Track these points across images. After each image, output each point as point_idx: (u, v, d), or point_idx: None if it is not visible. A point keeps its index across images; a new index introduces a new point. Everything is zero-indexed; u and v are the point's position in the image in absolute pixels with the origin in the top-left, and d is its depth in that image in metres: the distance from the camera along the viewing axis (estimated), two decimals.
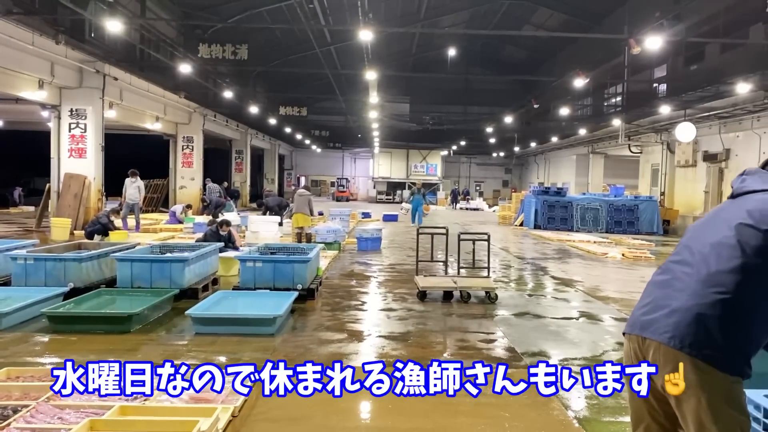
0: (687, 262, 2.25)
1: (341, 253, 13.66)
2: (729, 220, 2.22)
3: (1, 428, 3.60)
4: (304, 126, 39.69)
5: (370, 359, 5.72)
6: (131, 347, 5.82)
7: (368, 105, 29.94)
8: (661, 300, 2.24)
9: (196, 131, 28.01)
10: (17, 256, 7.96)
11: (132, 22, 16.80)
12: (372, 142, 46.44)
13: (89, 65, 17.15)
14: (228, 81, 24.57)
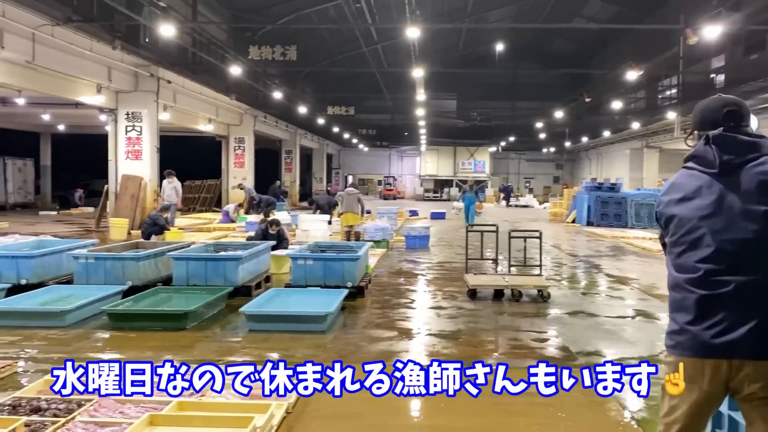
0: (736, 269, 2.13)
1: (389, 251, 13.68)
2: (748, 210, 2.15)
3: (67, 422, 3.74)
4: (351, 125, 39.93)
5: (421, 357, 5.71)
6: (187, 344, 5.96)
7: (415, 102, 29.89)
8: (735, 317, 2.11)
9: (247, 132, 28.52)
10: (79, 256, 8.25)
11: (184, 26, 17.20)
12: (419, 140, 46.35)
13: (144, 69, 17.65)
14: (277, 82, 24.90)
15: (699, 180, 2.27)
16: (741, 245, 2.14)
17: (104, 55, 15.58)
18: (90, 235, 15.13)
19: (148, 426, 3.54)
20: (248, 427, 3.37)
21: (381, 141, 47.98)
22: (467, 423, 4.12)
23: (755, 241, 2.12)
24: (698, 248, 2.21)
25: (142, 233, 13.68)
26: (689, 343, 2.18)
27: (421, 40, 19.15)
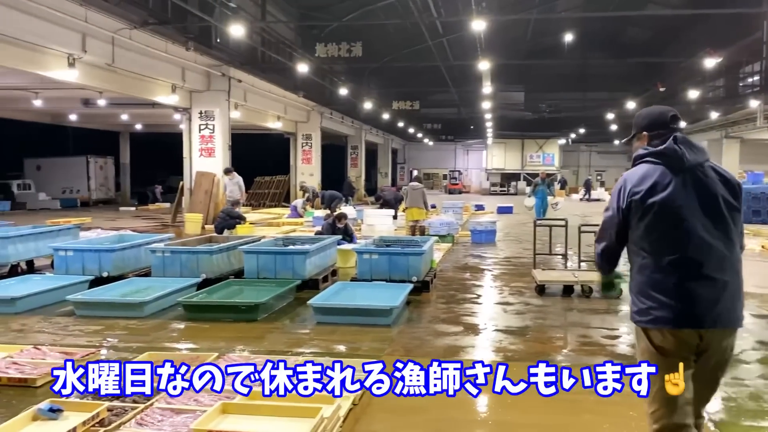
0: (711, 246, 2.55)
1: (455, 245, 13.62)
2: (714, 203, 2.59)
3: (145, 407, 3.93)
4: (416, 120, 39.89)
5: (488, 353, 5.67)
6: (258, 335, 6.13)
7: (481, 95, 29.54)
8: (716, 290, 2.55)
9: (314, 129, 28.97)
10: (156, 250, 8.63)
11: (253, 26, 17.62)
12: (485, 133, 45.79)
13: (216, 69, 18.21)
14: (343, 78, 25.17)
15: (668, 174, 2.60)
16: (711, 227, 2.56)
17: (178, 56, 16.17)
18: (166, 230, 15.77)
19: (221, 414, 3.68)
20: (316, 418, 3.44)
21: (446, 135, 47.67)
22: (534, 420, 4.07)
23: (721, 223, 2.58)
24: (676, 235, 2.57)
25: (215, 228, 14.14)
26: (676, 316, 2.56)
27: (487, 32, 18.89)
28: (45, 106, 22.25)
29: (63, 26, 12.24)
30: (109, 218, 21.24)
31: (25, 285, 7.78)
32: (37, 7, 11.20)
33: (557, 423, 4.04)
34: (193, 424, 3.40)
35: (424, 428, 3.93)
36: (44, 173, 30.52)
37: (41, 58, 12.69)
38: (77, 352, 5.21)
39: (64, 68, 12.98)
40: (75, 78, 13.54)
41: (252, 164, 28.77)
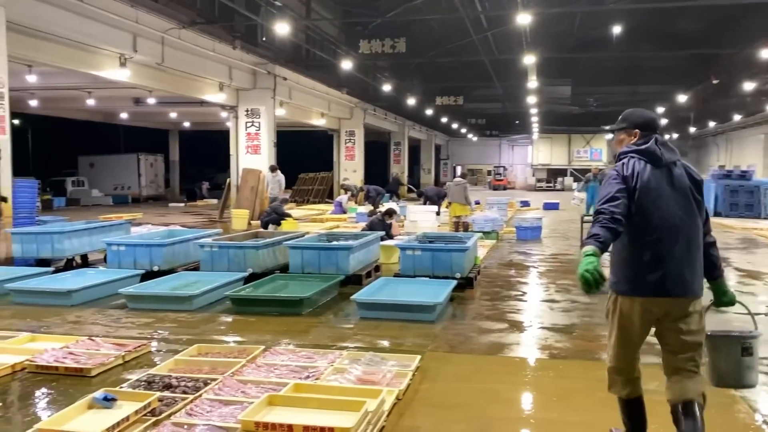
0: (677, 228, 3.07)
1: (499, 242, 13.50)
2: (683, 195, 3.13)
3: (195, 398, 4.03)
4: (460, 115, 39.61)
5: (533, 351, 5.61)
6: (303, 329, 6.21)
7: (526, 90, 29.17)
8: (680, 264, 3.06)
9: (358, 125, 29.11)
10: (204, 245, 8.82)
11: (298, 24, 17.79)
12: (530, 128, 45.19)
13: (262, 67, 18.47)
14: (386, 75, 25.17)
15: (649, 169, 3.13)
16: (678, 213, 3.09)
17: (225, 55, 16.46)
18: (214, 225, 16.09)
19: (267, 406, 3.74)
20: (360, 411, 3.47)
21: (491, 130, 47.22)
22: (579, 418, 4.01)
23: (686, 209, 3.12)
24: (653, 220, 3.06)
25: (261, 223, 14.37)
26: (646, 284, 3.07)
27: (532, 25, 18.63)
28: (98, 105, 22.99)
29: (115, 27, 12.61)
30: (158, 214, 21.80)
31: (79, 278, 8.06)
32: (91, 10, 11.56)
33: (603, 421, 3.96)
34: (240, 415, 3.48)
35: (467, 424, 3.91)
36: (97, 170, 31.52)
37: (94, 59, 13.10)
38: (129, 343, 5.37)
39: (115, 68, 13.37)
40: (126, 77, 13.93)
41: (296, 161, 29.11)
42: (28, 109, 22.93)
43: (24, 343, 5.47)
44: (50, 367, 4.76)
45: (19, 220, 10.02)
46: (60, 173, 30.60)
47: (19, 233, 9.44)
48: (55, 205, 25.28)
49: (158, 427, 3.62)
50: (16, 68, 12.88)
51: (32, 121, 30.46)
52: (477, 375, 4.88)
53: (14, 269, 8.72)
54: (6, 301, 7.33)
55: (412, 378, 4.55)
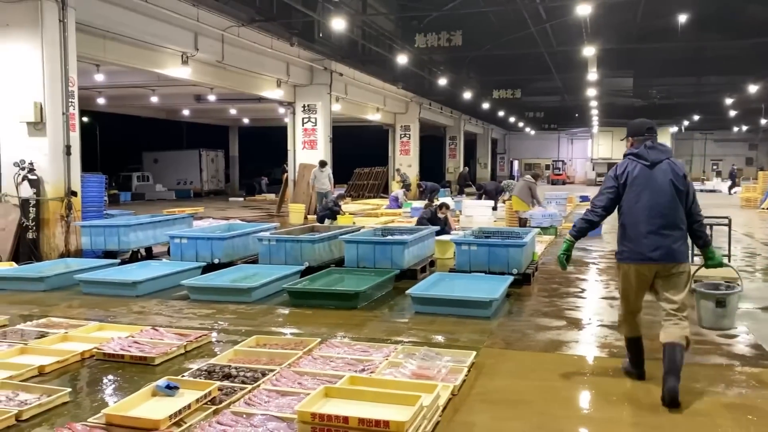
0: (661, 213, 4.13)
1: (558, 238, 13.24)
2: (665, 186, 4.14)
3: (253, 388, 4.11)
4: (517, 108, 39.03)
5: (592, 349, 5.48)
6: (358, 323, 6.25)
7: (586, 82, 28.47)
8: (664, 240, 4.12)
9: (413, 120, 29.07)
10: (263, 238, 8.99)
11: (354, 19, 17.88)
12: (590, 121, 44.08)
13: (318, 63, 18.66)
14: (442, 69, 25.03)
15: (639, 168, 4.22)
16: (662, 201, 4.13)
17: (283, 52, 16.71)
18: (272, 219, 16.38)
19: (324, 397, 3.78)
20: (415, 405, 3.47)
21: (549, 124, 46.24)
22: (641, 419, 3.89)
23: (669, 198, 4.13)
24: (639, 206, 4.17)
25: (317, 217, 14.54)
26: (640, 254, 4.19)
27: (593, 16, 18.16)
28: (161, 103, 23.73)
29: (177, 26, 12.98)
30: (219, 208, 22.35)
31: (144, 270, 8.35)
32: (155, 9, 11.92)
33: (666, 423, 3.84)
34: (297, 406, 3.53)
35: (524, 421, 3.85)
36: (161, 166, 32.57)
37: (158, 57, 13.52)
38: (191, 333, 5.53)
39: (178, 66, 13.76)
40: (188, 75, 14.33)
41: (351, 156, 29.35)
42: (96, 107, 23.88)
43: (92, 331, 5.71)
44: (116, 355, 4.96)
45: (88, 213, 10.46)
46: (126, 169, 31.76)
47: (88, 226, 9.85)
48: (121, 200, 26.27)
49: (218, 415, 3.72)
50: (85, 68, 13.42)
51: (100, 119, 31.68)
52: (534, 372, 4.80)
53: (83, 261, 9.12)
54: (76, 291, 7.66)
55: (467, 374, 4.51)
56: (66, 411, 3.96)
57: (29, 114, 9.44)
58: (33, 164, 9.54)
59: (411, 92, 26.68)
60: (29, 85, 9.50)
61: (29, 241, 9.48)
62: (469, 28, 21.34)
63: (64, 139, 9.74)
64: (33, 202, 9.50)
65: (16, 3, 9.47)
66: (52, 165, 9.64)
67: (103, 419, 3.62)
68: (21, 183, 9.55)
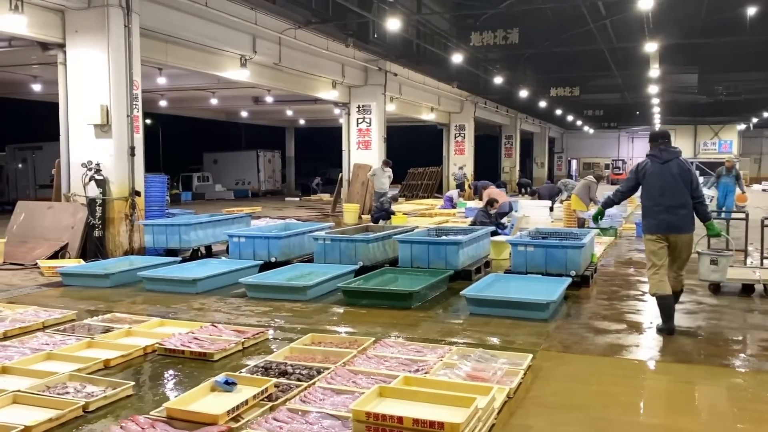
0: (668, 198, 5.60)
1: (618, 239, 12.89)
2: (673, 177, 5.63)
3: (309, 386, 4.16)
4: (575, 106, 38.18)
5: (654, 353, 5.31)
6: (412, 323, 6.24)
7: (648, 79, 27.63)
8: (671, 216, 5.60)
9: (468, 119, 28.84)
10: (318, 237, 9.09)
11: (409, 19, 17.87)
12: (652, 119, 42.68)
13: (373, 64, 18.74)
14: (498, 67, 24.72)
15: (653, 164, 5.71)
16: (670, 189, 5.59)
17: (338, 53, 16.86)
18: (327, 219, 16.55)
19: (378, 397, 3.78)
20: (470, 407, 3.43)
21: (609, 122, 45.02)
22: (705, 426, 3.74)
23: (675, 187, 5.60)
24: (654, 190, 5.66)
25: (371, 217, 14.60)
26: (660, 228, 5.64)
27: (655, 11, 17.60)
28: (220, 105, 24.31)
29: (236, 29, 13.27)
30: (276, 208, 22.74)
31: (204, 268, 8.56)
32: (215, 13, 12.22)
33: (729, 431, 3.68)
34: (351, 405, 3.54)
35: (582, 426, 3.76)
36: (220, 166, 33.38)
37: (218, 60, 13.85)
38: (248, 330, 5.64)
39: (237, 68, 14.07)
40: (246, 77, 14.62)
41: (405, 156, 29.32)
42: (158, 109, 24.67)
43: (154, 327, 5.89)
44: (177, 351, 5.10)
45: (151, 212, 10.82)
46: (187, 169, 32.69)
47: (151, 225, 10.18)
48: (182, 199, 27.05)
49: (274, 412, 3.77)
50: (148, 71, 13.87)
51: (162, 120, 32.75)
52: (592, 376, 4.68)
53: (146, 258, 9.43)
54: (139, 287, 7.93)
55: (523, 377, 4.44)
56: (129, 404, 4.09)
57: (96, 116, 9.83)
58: (99, 165, 9.93)
59: (466, 91, 26.48)
60: (96, 89, 9.89)
61: (96, 239, 9.87)
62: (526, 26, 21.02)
63: (129, 141, 10.10)
64: (99, 201, 9.89)
65: (85, 10, 9.88)
66: (117, 166, 10.00)
67: (164, 413, 3.73)
68: (88, 183, 9.95)
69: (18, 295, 7.62)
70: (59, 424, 3.71)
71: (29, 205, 11.21)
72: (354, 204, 17.61)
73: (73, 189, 10.24)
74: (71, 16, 9.99)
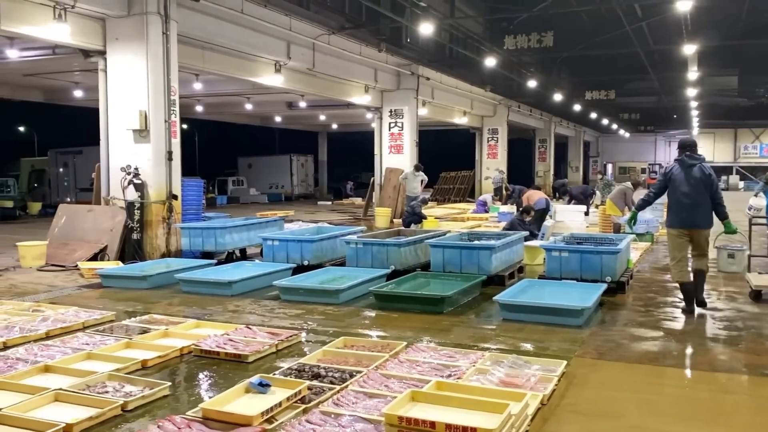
0: (690, 197, 6.50)
1: (654, 245, 12.66)
2: (695, 180, 6.54)
3: (341, 389, 4.18)
4: (611, 110, 37.61)
5: (691, 362, 5.20)
6: (444, 328, 6.23)
7: (686, 81, 27.10)
8: (692, 214, 6.52)
9: (501, 123, 28.66)
10: (350, 241, 9.14)
11: (442, 23, 17.86)
12: (690, 123, 41.82)
13: (405, 68, 18.77)
14: (532, 70, 24.51)
15: (678, 168, 6.65)
16: (692, 190, 6.52)
17: (371, 58, 16.92)
18: (359, 223, 16.60)
19: (410, 401, 3.79)
20: (503, 414, 3.41)
21: (645, 125, 44.31)
22: None
23: (697, 188, 6.52)
24: (678, 191, 6.59)
25: (402, 221, 14.60)
26: (678, 223, 6.62)
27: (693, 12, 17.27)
28: (255, 110, 24.62)
29: (271, 35, 13.43)
30: (308, 211, 22.91)
31: (239, 270, 8.69)
32: (250, 20, 12.40)
33: None
34: (384, 409, 3.55)
35: None
36: (254, 170, 33.78)
37: (253, 66, 14.04)
38: (282, 333, 5.69)
39: (271, 74, 14.25)
40: (281, 83, 14.79)
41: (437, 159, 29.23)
42: (194, 114, 25.09)
43: (190, 328, 5.99)
44: (212, 352, 5.18)
45: (187, 216, 11.00)
46: (222, 173, 33.16)
47: (187, 228, 10.36)
48: (217, 203, 27.44)
49: (307, 414, 3.80)
50: (185, 77, 14.15)
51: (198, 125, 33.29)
52: (628, 384, 4.61)
53: (183, 261, 9.60)
54: (176, 289, 8.08)
55: (557, 383, 4.40)
56: (166, 404, 4.17)
57: (135, 122, 10.05)
58: (138, 169, 10.16)
59: (499, 95, 26.32)
60: (135, 95, 10.12)
61: (134, 241, 10.09)
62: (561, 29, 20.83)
63: (166, 146, 10.30)
64: (137, 204, 10.10)
65: (125, 18, 10.12)
66: (155, 170, 10.21)
67: (200, 413, 3.80)
68: (127, 187, 10.19)
69: (59, 296, 7.83)
70: (99, 423, 3.81)
71: (70, 208, 11.52)
72: (386, 208, 17.64)
73: (112, 192, 10.48)
74: (112, 24, 10.25)
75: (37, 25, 9.44)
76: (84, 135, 19.39)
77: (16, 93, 19.35)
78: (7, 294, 7.93)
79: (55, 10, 9.31)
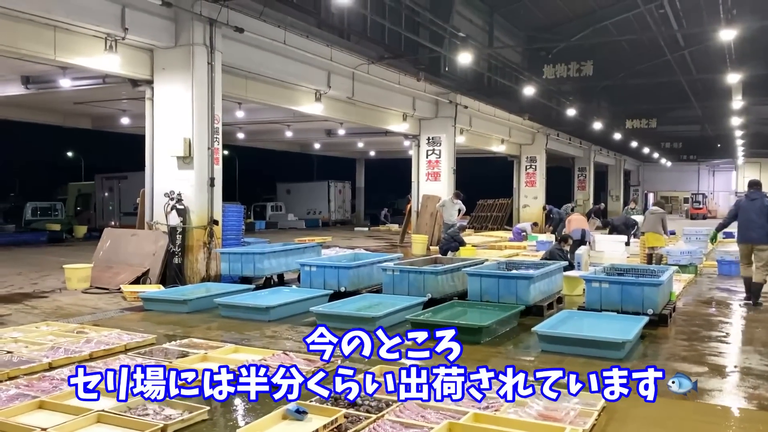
0: (750, 220, 9.01)
1: (698, 276, 12.34)
2: (757, 209, 9.02)
3: (378, 418, 4.17)
4: (652, 138, 37.12)
5: (738, 399, 5.03)
6: (481, 358, 6.15)
7: (730, 110, 26.60)
8: (750, 231, 9.02)
9: (539, 151, 28.49)
10: (386, 268, 9.15)
11: (481, 53, 17.99)
12: (735, 152, 40.98)
13: (443, 97, 18.89)
14: (571, 99, 24.43)
15: (746, 201, 9.28)
16: (752, 217, 9.03)
17: (410, 87, 17.11)
18: (395, 250, 16.61)
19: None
20: None
21: (688, 155, 43.50)
22: None
23: (756, 216, 9.00)
24: (742, 217, 9.19)
25: (440, 249, 14.55)
26: (740, 239, 9.24)
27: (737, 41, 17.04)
28: (295, 137, 25.01)
29: (312, 66, 13.71)
30: (345, 237, 23.02)
31: (276, 296, 8.76)
32: (292, 51, 12.69)
33: None
34: None
35: None
36: (293, 196, 34.22)
37: (294, 95, 14.33)
38: (318, 359, 5.70)
39: (311, 103, 14.51)
40: (320, 111, 15.04)
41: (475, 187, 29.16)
42: (235, 141, 25.61)
43: (228, 353, 6.06)
44: None
45: (227, 241, 11.19)
46: (261, 198, 33.66)
47: (227, 253, 10.53)
48: (256, 228, 27.80)
49: None
50: (228, 105, 14.49)
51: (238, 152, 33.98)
52: (671, 421, 4.48)
53: (222, 285, 9.74)
54: (215, 314, 8.19)
55: (597, 418, 4.30)
56: (204, 428, 4.22)
57: (179, 149, 10.33)
58: (181, 195, 10.40)
59: (537, 123, 26.24)
60: (180, 123, 10.41)
61: (175, 265, 10.29)
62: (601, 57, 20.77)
63: (209, 172, 10.55)
64: (180, 229, 10.33)
65: (172, 49, 10.48)
66: (198, 196, 10.44)
67: None
68: (170, 212, 10.42)
69: (102, 318, 8.02)
70: None
71: (115, 232, 11.84)
72: (422, 235, 17.63)
73: (155, 217, 10.74)
74: (159, 54, 10.61)
75: (89, 56, 9.85)
76: (129, 161, 19.98)
77: (66, 120, 20.09)
78: (53, 315, 8.16)
79: (106, 41, 9.69)
